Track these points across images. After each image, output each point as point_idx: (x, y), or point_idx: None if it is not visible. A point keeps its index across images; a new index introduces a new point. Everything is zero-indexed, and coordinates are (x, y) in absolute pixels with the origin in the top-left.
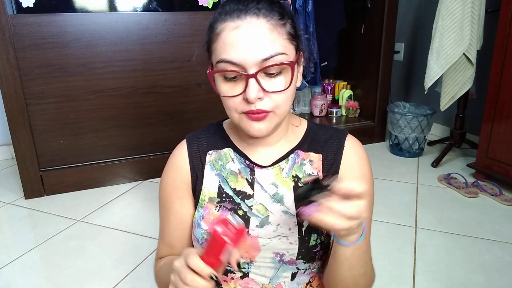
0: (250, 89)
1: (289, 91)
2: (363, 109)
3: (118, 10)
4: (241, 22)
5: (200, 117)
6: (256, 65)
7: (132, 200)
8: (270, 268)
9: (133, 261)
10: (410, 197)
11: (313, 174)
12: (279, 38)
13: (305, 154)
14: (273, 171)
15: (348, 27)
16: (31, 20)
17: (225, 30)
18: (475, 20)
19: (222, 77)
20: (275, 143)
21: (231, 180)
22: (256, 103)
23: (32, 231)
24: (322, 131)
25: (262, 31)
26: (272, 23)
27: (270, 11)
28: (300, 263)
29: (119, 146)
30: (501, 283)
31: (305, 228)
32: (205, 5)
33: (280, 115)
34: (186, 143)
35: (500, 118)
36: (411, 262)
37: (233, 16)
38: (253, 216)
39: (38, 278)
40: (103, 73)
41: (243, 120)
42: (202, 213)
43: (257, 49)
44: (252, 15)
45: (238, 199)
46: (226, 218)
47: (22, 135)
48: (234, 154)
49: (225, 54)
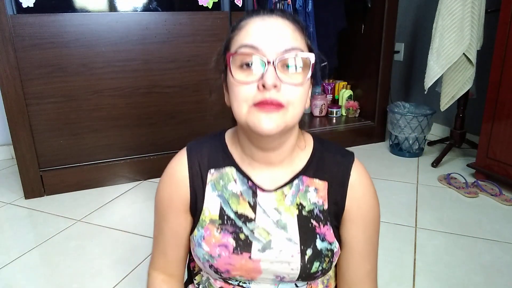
0: (268, 74)
1: (303, 91)
2: (363, 109)
3: (118, 10)
4: (267, 18)
5: (200, 117)
6: (277, 55)
7: (132, 200)
8: (270, 285)
9: (133, 261)
10: (410, 197)
11: (319, 203)
12: (301, 39)
13: (310, 180)
14: (276, 196)
15: (348, 27)
16: (31, 20)
17: (250, 23)
18: (475, 20)
19: (238, 66)
20: (279, 164)
21: (233, 202)
22: (271, 91)
23: (32, 231)
24: (329, 155)
25: (286, 27)
26: (296, 26)
27: (294, 21)
28: (299, 282)
29: (119, 146)
30: (501, 283)
31: (308, 256)
32: (205, 5)
33: (292, 115)
34: (186, 156)
35: (500, 118)
36: (411, 262)
37: (260, 14)
38: (255, 240)
39: (38, 278)
40: (103, 73)
41: (252, 114)
42: (203, 233)
43: (280, 40)
44: (277, 16)
45: (240, 222)
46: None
47: (22, 135)
48: (237, 175)
49: (247, 39)
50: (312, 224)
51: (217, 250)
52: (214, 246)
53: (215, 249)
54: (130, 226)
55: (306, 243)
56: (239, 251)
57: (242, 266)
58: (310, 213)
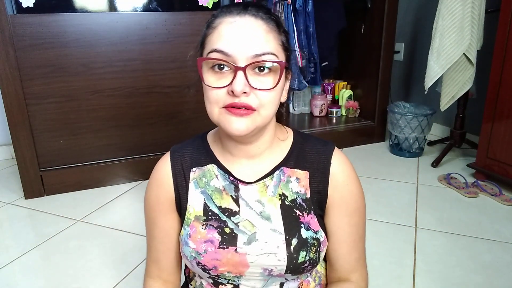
0: (237, 80)
1: (275, 93)
2: (363, 109)
3: (118, 10)
4: (239, 18)
5: (200, 117)
6: (247, 60)
7: (132, 200)
8: (259, 281)
9: (133, 261)
10: (410, 197)
11: (301, 192)
12: (273, 41)
13: (291, 171)
14: (258, 188)
15: (348, 27)
16: (31, 20)
17: (222, 23)
18: (475, 20)
19: (210, 67)
20: (259, 156)
21: (216, 198)
22: (241, 97)
23: (32, 231)
24: (308, 145)
25: (258, 29)
26: (269, 26)
27: (268, 18)
28: (288, 276)
29: (119, 146)
30: (501, 283)
31: (294, 246)
32: (205, 5)
33: (263, 117)
34: (170, 158)
35: (500, 118)
36: (411, 262)
37: (233, 13)
38: (240, 232)
39: (38, 278)
40: (103, 73)
41: (223, 116)
42: (188, 231)
43: (251, 45)
44: (250, 15)
45: (224, 216)
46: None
47: (22, 135)
48: (218, 171)
49: (219, 43)
50: (295, 214)
51: (203, 246)
52: (200, 243)
53: (201, 245)
54: (130, 226)
55: (291, 233)
56: (225, 245)
57: (229, 260)
58: (293, 203)
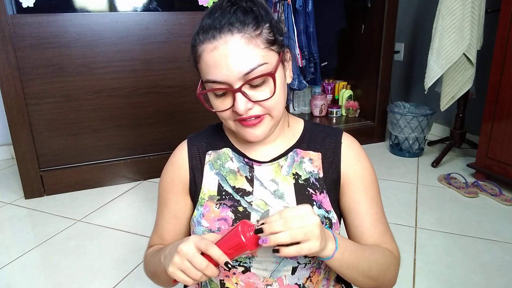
0: (238, 102)
1: (277, 95)
2: (363, 109)
3: (118, 10)
4: (217, 43)
5: (200, 117)
6: (240, 80)
7: (132, 200)
8: (271, 263)
9: (133, 261)
10: (410, 197)
11: (314, 172)
12: (256, 49)
13: (304, 152)
14: (272, 168)
15: (348, 27)
16: (31, 20)
17: (204, 51)
18: (475, 20)
19: (212, 93)
20: (273, 141)
21: (230, 178)
22: (247, 112)
23: (32, 231)
24: (318, 129)
25: (238, 47)
26: (247, 37)
27: (244, 24)
28: (300, 258)
29: (119, 146)
30: (501, 283)
31: None
32: (205, 5)
33: (275, 117)
34: (186, 144)
35: (500, 118)
36: (411, 262)
37: (209, 37)
38: (253, 211)
39: (38, 278)
40: (103, 73)
41: (239, 127)
42: (202, 211)
43: (237, 65)
44: (226, 32)
45: (238, 196)
46: (252, 224)
47: (22, 135)
48: (233, 154)
49: (210, 74)
50: (308, 192)
51: (217, 224)
52: (214, 221)
53: (214, 223)
54: (130, 226)
55: None
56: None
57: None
58: (306, 181)
